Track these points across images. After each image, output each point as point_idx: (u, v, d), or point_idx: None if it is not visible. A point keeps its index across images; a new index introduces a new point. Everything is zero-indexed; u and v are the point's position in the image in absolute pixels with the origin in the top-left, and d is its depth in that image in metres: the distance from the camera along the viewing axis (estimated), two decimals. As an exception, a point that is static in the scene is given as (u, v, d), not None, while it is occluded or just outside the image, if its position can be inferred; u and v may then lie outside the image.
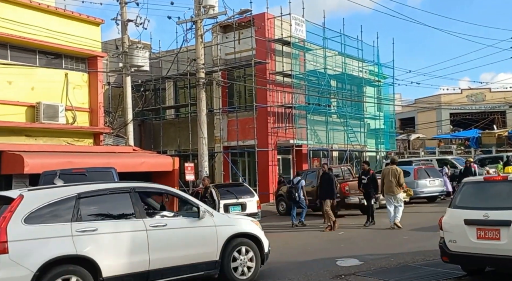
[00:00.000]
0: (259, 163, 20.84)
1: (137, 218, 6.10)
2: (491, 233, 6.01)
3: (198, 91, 16.29)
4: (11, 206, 5.49)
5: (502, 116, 39.66)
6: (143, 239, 6.00)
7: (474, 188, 6.74)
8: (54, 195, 5.82)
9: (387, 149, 28.19)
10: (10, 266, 5.18)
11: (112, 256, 5.75)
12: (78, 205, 5.77)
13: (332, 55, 23.83)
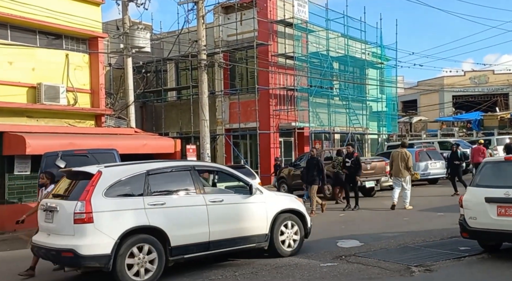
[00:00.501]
0: (260, 145, 20.86)
1: (197, 193, 6.65)
2: (511, 210, 6.30)
3: (200, 73, 16.18)
4: (92, 181, 6.04)
5: (505, 99, 39.47)
6: (204, 213, 6.55)
7: (495, 167, 7.07)
8: (127, 172, 6.39)
9: (389, 131, 28.15)
10: (96, 234, 5.77)
11: (179, 227, 6.30)
12: (148, 181, 6.32)
13: (335, 37, 23.59)
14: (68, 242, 5.79)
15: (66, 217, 5.89)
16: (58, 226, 6.03)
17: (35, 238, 6.52)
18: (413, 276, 6.01)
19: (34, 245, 6.44)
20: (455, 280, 5.84)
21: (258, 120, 20.66)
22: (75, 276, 6.83)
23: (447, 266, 6.37)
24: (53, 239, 6.03)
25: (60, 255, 5.90)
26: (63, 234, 5.93)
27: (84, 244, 5.72)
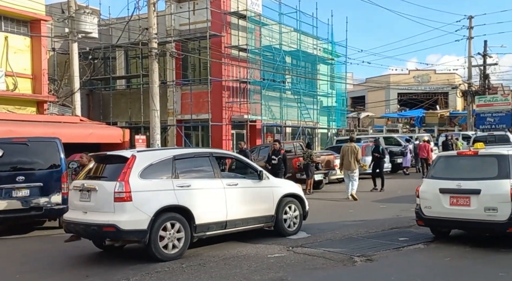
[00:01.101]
0: (213, 137, 20.75)
1: (216, 177, 7.38)
2: (462, 200, 6.94)
3: (151, 62, 15.80)
4: (128, 164, 6.64)
5: (445, 98, 41.71)
6: (222, 195, 7.28)
7: (448, 161, 7.66)
8: (157, 156, 7.06)
9: (338, 126, 28.92)
10: (134, 211, 6.42)
11: (201, 207, 7.00)
12: (175, 165, 7.00)
13: (288, 31, 23.82)
14: (110, 218, 6.37)
15: (107, 196, 6.47)
16: (98, 204, 6.57)
17: (68, 215, 7.08)
18: (355, 266, 6.24)
19: (69, 222, 6.95)
20: (394, 269, 6.12)
21: (210, 112, 20.51)
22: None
23: (387, 256, 6.68)
24: (92, 216, 6.56)
25: (102, 230, 6.47)
26: (103, 211, 6.48)
27: (124, 220, 6.34)
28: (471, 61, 31.87)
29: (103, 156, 7.47)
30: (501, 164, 6.92)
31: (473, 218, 6.86)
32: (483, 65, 32.24)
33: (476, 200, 6.79)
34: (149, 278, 5.96)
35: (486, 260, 6.34)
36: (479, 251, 6.86)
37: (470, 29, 31.70)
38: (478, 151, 7.41)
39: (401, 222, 9.07)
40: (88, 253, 7.53)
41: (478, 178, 6.96)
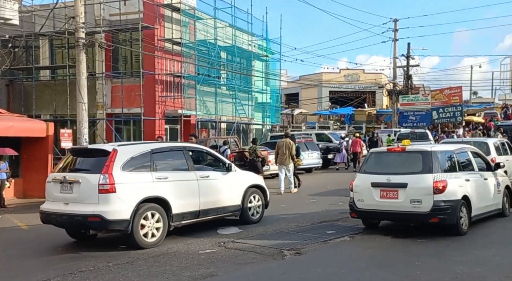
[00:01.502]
0: (145, 132, 20.16)
1: (189, 170, 7.88)
2: (391, 193, 7.45)
3: (78, 52, 14.97)
4: (111, 157, 6.97)
5: (372, 96, 43.95)
6: (195, 186, 7.83)
7: (379, 157, 8.23)
8: (137, 150, 7.45)
9: (272, 122, 29.39)
10: (117, 202, 6.82)
11: (178, 198, 7.49)
12: (153, 158, 7.41)
13: (223, 26, 23.73)
14: (94, 209, 6.74)
15: (91, 187, 6.81)
16: (81, 195, 6.89)
17: (47, 207, 7.33)
18: (285, 259, 6.39)
19: (50, 213, 7.21)
20: (321, 261, 6.35)
21: (142, 106, 19.89)
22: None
23: (315, 249, 6.91)
24: (75, 207, 6.90)
25: (87, 220, 6.83)
26: (87, 202, 6.82)
27: (109, 210, 6.74)
28: (396, 62, 33.77)
29: (83, 149, 8.11)
30: (425, 159, 7.47)
31: (400, 210, 7.39)
32: (407, 66, 34.33)
33: (403, 193, 7.30)
34: (72, 278, 5.68)
35: (405, 250, 6.78)
36: (399, 242, 7.32)
37: (395, 32, 33.56)
38: (405, 147, 7.91)
39: (329, 216, 9.43)
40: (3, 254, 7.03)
41: (405, 172, 7.46)
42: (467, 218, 7.53)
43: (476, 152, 8.79)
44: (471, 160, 8.31)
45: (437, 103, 30.96)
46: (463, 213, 7.43)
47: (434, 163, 7.39)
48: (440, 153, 7.69)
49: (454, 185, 7.36)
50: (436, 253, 6.41)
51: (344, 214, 9.40)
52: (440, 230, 7.55)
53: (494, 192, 8.48)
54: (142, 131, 20.14)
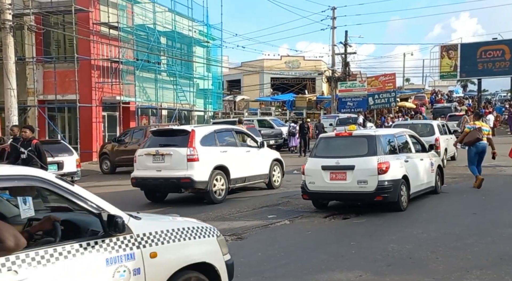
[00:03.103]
0: (81, 119, 19.42)
1: (238, 146, 10.53)
2: (340, 175, 8.02)
3: (4, 35, 14.06)
4: (191, 135, 9.52)
5: (312, 83, 45.08)
6: (243, 158, 10.36)
7: (328, 141, 8.80)
8: (206, 130, 10.09)
9: (214, 109, 29.32)
10: (200, 168, 9.34)
11: (233, 166, 9.92)
12: (215, 137, 10.03)
13: (162, 11, 23.18)
14: (185, 173, 9.24)
15: (181, 157, 9.33)
16: (173, 164, 9.37)
17: (139, 174, 9.83)
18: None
19: (145, 178, 9.75)
20: (261, 244, 6.57)
21: (78, 93, 19.10)
22: None
23: (256, 233, 7.13)
24: (168, 173, 9.40)
25: (180, 181, 9.34)
26: (178, 168, 9.31)
27: (196, 174, 9.26)
28: (334, 49, 34.80)
29: (169, 130, 10.81)
30: (370, 143, 8.05)
31: (348, 190, 7.97)
32: (344, 54, 35.50)
33: (351, 174, 7.86)
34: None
35: (342, 231, 7.18)
36: (336, 223, 7.73)
37: (333, 20, 34.50)
38: (352, 132, 8.51)
39: (270, 201, 9.71)
40: None
41: (352, 155, 8.08)
42: (407, 195, 8.25)
43: (413, 135, 9.54)
44: (409, 142, 9.04)
45: (372, 90, 32.43)
46: (403, 191, 8.13)
47: (378, 146, 7.98)
48: (383, 137, 8.31)
49: (395, 166, 8.01)
50: (370, 233, 6.84)
51: (284, 199, 9.73)
52: (376, 211, 8.06)
53: (429, 171, 9.26)
54: (78, 118, 19.37)
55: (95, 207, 3.02)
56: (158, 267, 3.20)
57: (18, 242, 2.63)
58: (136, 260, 3.08)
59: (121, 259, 3.01)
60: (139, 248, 3.12)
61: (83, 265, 2.82)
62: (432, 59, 38.94)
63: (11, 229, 2.64)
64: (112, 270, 2.95)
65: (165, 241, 3.28)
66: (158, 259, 3.20)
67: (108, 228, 2.97)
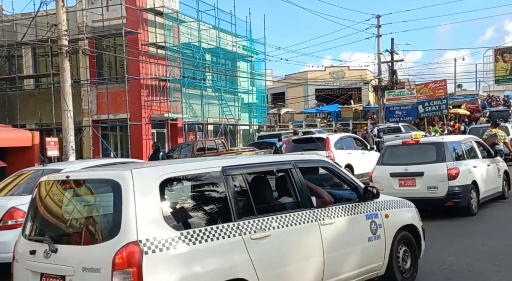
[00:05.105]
0: (132, 137, 20.16)
1: (356, 149, 13.35)
2: (409, 181, 8.35)
3: (61, 60, 14.93)
4: (327, 142, 12.13)
5: (358, 92, 44.32)
6: (362, 158, 12.98)
7: (395, 149, 9.17)
8: (337, 137, 13.09)
9: (259, 122, 29.52)
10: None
11: (358, 165, 12.43)
12: (342, 142, 12.73)
13: (207, 29, 23.80)
14: None
15: None
16: None
17: None
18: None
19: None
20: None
21: (128, 111, 19.88)
22: None
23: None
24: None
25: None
26: None
27: None
28: (380, 58, 34.14)
29: (308, 138, 13.32)
30: (438, 150, 8.34)
31: (418, 196, 8.06)
32: (391, 62, 34.72)
33: (420, 180, 8.18)
34: None
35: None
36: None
37: (378, 28, 33.93)
38: (419, 140, 8.92)
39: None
40: None
41: (421, 162, 8.35)
42: (476, 200, 8.43)
43: (479, 141, 9.82)
44: (475, 148, 9.27)
45: (422, 97, 31.39)
46: (473, 196, 8.31)
47: (446, 152, 8.27)
48: (450, 143, 8.59)
49: (464, 171, 8.26)
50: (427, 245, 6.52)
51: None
52: (432, 219, 7.85)
53: (496, 177, 9.45)
54: (129, 136, 20.13)
55: (354, 182, 4.82)
56: (389, 224, 4.80)
57: (331, 199, 4.37)
58: (378, 218, 4.71)
59: (372, 216, 4.65)
60: (380, 210, 4.76)
61: (355, 216, 4.53)
62: (485, 64, 37.26)
63: (323, 190, 4.43)
64: (368, 222, 4.60)
65: (392, 207, 4.96)
66: (389, 219, 4.81)
67: (364, 195, 4.66)
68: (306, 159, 4.86)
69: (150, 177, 3.42)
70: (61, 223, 3.70)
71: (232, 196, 3.65)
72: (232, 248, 3.48)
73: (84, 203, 3.71)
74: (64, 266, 3.34)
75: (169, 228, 3.28)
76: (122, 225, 3.18)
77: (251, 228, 3.63)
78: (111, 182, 3.37)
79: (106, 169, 4.77)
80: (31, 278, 3.56)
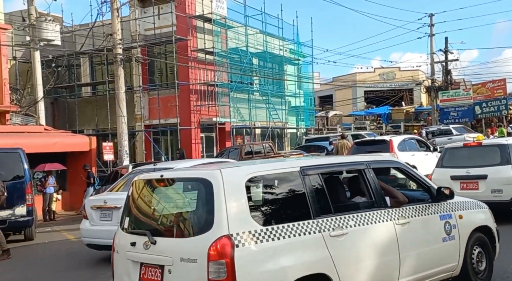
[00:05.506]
0: (182, 141, 20.67)
1: (419, 151, 13.11)
2: (471, 185, 8.07)
3: (116, 68, 15.66)
4: (390, 144, 12.13)
5: (409, 94, 42.91)
6: (424, 160, 12.50)
7: (455, 152, 8.84)
8: (398, 139, 12.87)
9: (307, 125, 29.32)
10: None
11: (421, 167, 11.01)
12: (405, 144, 12.75)
13: (254, 33, 24.01)
14: None
15: None
16: None
17: None
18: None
19: None
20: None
21: (178, 116, 20.44)
22: None
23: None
24: None
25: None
26: None
27: None
28: (433, 57, 32.90)
29: (371, 140, 13.68)
30: (503, 152, 8.09)
31: (481, 199, 7.70)
32: (445, 61, 33.34)
33: (484, 184, 7.91)
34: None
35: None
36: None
37: (431, 27, 32.74)
38: (482, 142, 8.77)
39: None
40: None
41: (484, 165, 8.03)
42: None
43: None
44: None
45: (479, 98, 29.90)
46: None
47: (511, 155, 8.00)
48: None
49: None
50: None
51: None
52: None
53: None
54: (179, 140, 20.66)
55: (427, 183, 4.84)
56: (463, 225, 4.78)
57: (405, 199, 4.45)
58: (452, 219, 4.70)
59: (446, 217, 4.65)
60: (453, 211, 4.75)
61: (429, 217, 4.56)
62: (548, 60, 34.77)
63: (397, 190, 4.53)
64: (443, 223, 4.61)
65: (466, 208, 4.94)
66: (463, 220, 4.78)
67: (437, 196, 4.67)
68: (379, 159, 4.98)
69: (238, 176, 3.71)
70: (157, 218, 4.04)
71: (310, 194, 3.87)
72: (312, 244, 3.70)
73: (177, 199, 4.08)
74: (163, 256, 3.65)
75: (255, 223, 3.56)
76: (215, 219, 3.47)
77: (329, 225, 3.85)
78: (203, 181, 3.69)
79: (197, 168, 5.21)
80: (132, 267, 3.89)
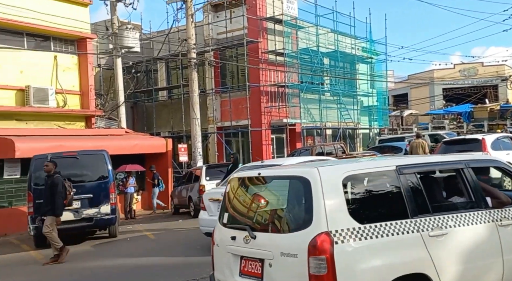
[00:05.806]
0: (253, 143, 20.87)
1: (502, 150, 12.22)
2: None
3: (190, 71, 16.18)
4: (483, 143, 11.52)
5: (494, 90, 39.77)
6: None
7: None
8: (491, 138, 12.18)
9: (380, 125, 28.28)
10: None
11: None
12: (499, 142, 12.19)
13: (325, 33, 23.62)
14: None
15: None
16: None
17: None
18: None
19: None
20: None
21: (249, 118, 20.65)
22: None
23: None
24: None
25: None
26: None
27: None
28: (521, 51, 30.19)
29: (461, 139, 13.01)
30: None
31: None
32: (535, 55, 30.44)
33: None
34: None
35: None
36: None
37: (518, 18, 30.08)
38: None
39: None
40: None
41: None
42: None
43: None
44: None
45: None
46: None
47: None
48: None
49: None
50: None
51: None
52: None
53: None
54: (250, 142, 20.87)
55: None
56: None
57: (508, 199, 4.20)
58: None
59: None
60: None
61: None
62: None
63: (499, 191, 4.31)
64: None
65: None
66: None
67: None
68: (478, 158, 4.78)
69: (335, 174, 3.72)
70: (255, 214, 4.09)
71: (407, 193, 3.81)
72: (411, 243, 3.63)
73: (275, 196, 4.14)
74: (264, 250, 3.74)
75: (353, 221, 3.55)
76: (314, 216, 3.51)
77: (428, 225, 3.78)
78: (301, 179, 3.73)
79: (294, 166, 5.38)
80: (232, 260, 4.03)
